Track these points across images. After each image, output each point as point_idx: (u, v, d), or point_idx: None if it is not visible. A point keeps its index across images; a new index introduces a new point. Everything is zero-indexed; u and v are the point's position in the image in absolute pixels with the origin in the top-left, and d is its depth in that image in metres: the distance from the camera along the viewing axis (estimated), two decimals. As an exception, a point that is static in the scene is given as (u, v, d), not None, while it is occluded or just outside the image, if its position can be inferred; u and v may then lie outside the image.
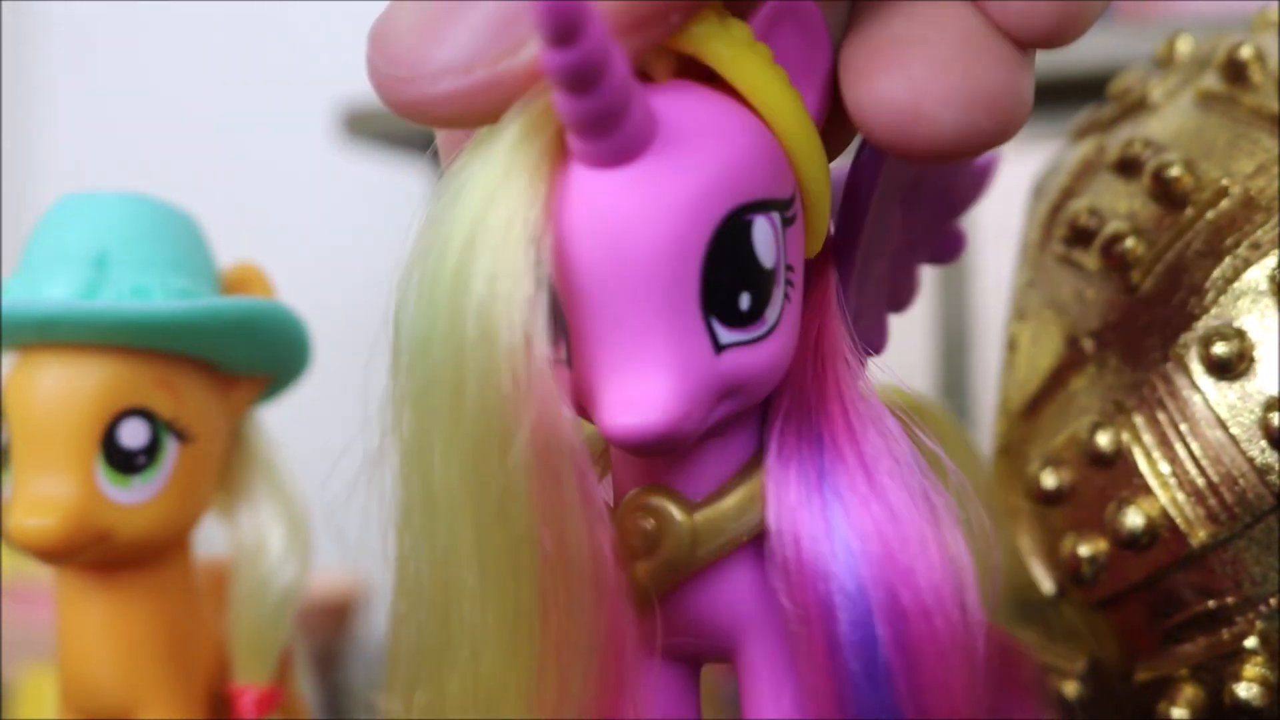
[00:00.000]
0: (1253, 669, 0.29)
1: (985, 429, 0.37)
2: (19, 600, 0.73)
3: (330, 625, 0.86)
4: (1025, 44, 0.23)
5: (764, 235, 0.22)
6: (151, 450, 0.33)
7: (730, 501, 0.24)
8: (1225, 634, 0.30)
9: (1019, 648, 0.32)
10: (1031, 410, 0.34)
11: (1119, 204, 0.33)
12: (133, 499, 0.33)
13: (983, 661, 0.23)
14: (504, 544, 0.21)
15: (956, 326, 0.96)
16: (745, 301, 0.22)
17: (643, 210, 0.21)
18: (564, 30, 0.19)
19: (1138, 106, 0.36)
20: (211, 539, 0.37)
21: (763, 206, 0.22)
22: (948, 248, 0.32)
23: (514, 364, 0.21)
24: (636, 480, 0.24)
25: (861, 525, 0.23)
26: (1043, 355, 0.34)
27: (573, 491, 0.21)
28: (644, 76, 0.22)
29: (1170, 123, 0.34)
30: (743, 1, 0.23)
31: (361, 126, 0.94)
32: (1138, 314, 0.32)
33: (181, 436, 0.33)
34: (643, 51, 0.22)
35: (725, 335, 0.22)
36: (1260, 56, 0.33)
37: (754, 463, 0.24)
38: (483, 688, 0.22)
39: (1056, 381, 0.33)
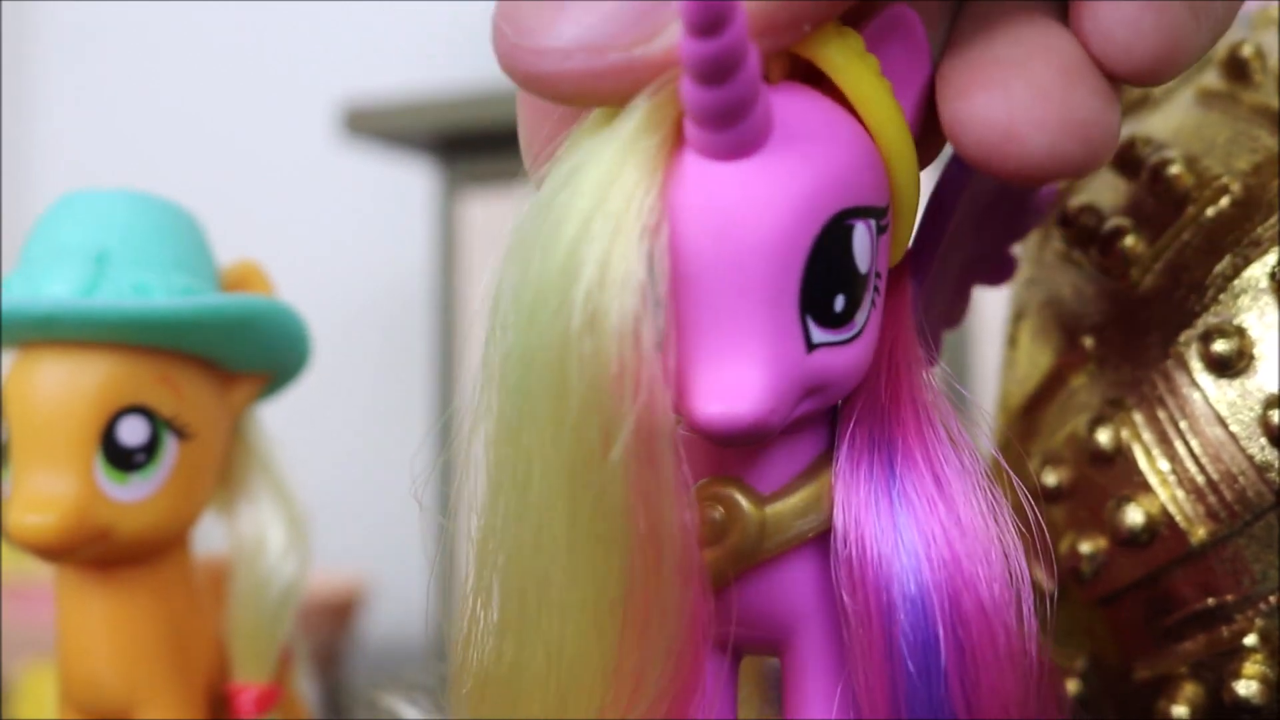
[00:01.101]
0: (1253, 666, 0.29)
1: (985, 427, 0.37)
2: (19, 598, 0.73)
3: (331, 624, 0.86)
4: (1122, 79, 0.24)
5: (862, 241, 0.23)
6: (151, 448, 0.33)
7: (799, 497, 0.24)
8: (1225, 631, 0.30)
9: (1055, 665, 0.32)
10: (1031, 408, 0.34)
11: (1119, 201, 0.33)
12: (132, 496, 0.33)
13: (1035, 672, 0.24)
14: (597, 522, 0.22)
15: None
16: (840, 303, 0.23)
17: (756, 205, 0.22)
18: (710, 21, 0.20)
19: (1138, 104, 0.36)
20: (211, 537, 0.37)
21: (864, 213, 0.23)
22: (1002, 271, 0.33)
23: (622, 349, 0.21)
24: (706, 471, 0.24)
25: (928, 529, 0.23)
26: (1042, 353, 0.34)
27: (669, 476, 0.22)
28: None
29: (1170, 120, 0.34)
30: (854, 12, 0.23)
31: (362, 124, 0.94)
32: (1137, 311, 0.32)
33: (181, 434, 0.33)
34: (771, 54, 0.22)
35: (818, 334, 0.22)
36: (1261, 54, 0.33)
37: (823, 462, 0.24)
38: (565, 665, 0.23)
39: (1056, 379, 0.33)
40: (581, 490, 0.22)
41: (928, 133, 0.25)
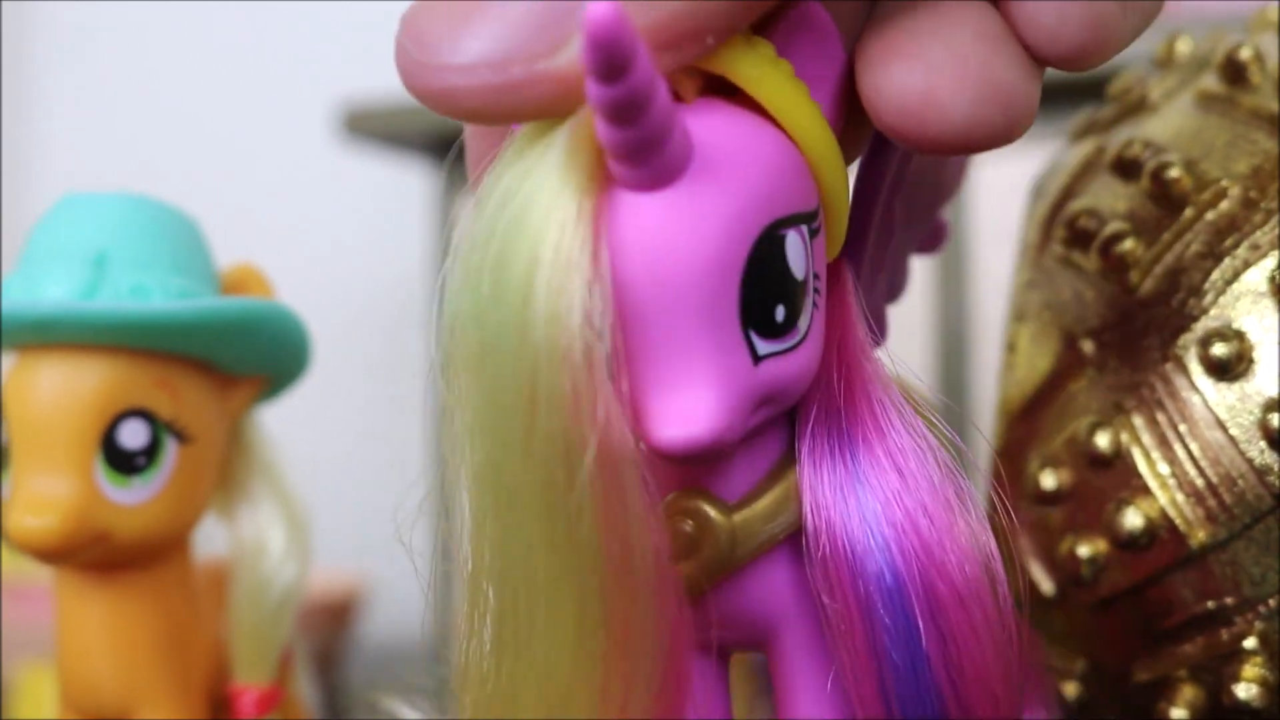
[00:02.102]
0: (1252, 669, 0.29)
1: (984, 430, 0.37)
2: (19, 599, 0.73)
3: (330, 625, 0.86)
4: (1046, 63, 0.24)
5: (795, 248, 0.23)
6: (151, 451, 0.33)
7: (766, 502, 0.24)
8: (1224, 634, 0.30)
9: (1032, 639, 0.32)
10: (1030, 411, 0.34)
11: (1118, 205, 0.33)
12: (132, 499, 0.33)
13: (1017, 647, 0.24)
14: (572, 550, 0.22)
15: (955, 327, 0.96)
16: (780, 313, 0.23)
17: (684, 231, 0.22)
18: (612, 67, 0.20)
19: (1137, 107, 0.36)
20: (211, 539, 0.37)
21: (793, 221, 0.23)
22: (935, 238, 0.33)
23: (576, 381, 0.21)
24: (672, 485, 0.25)
25: (895, 519, 0.24)
26: (1042, 356, 0.34)
27: (635, 500, 0.22)
28: (674, 95, 0.23)
29: (1169, 123, 0.34)
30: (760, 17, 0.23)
31: (361, 125, 0.94)
32: (1137, 315, 0.32)
33: (181, 437, 0.33)
34: (675, 69, 0.22)
35: (763, 346, 0.23)
36: (1259, 57, 0.33)
37: (785, 463, 0.25)
38: (556, 687, 0.23)
39: (1055, 382, 0.33)
40: (555, 520, 0.22)
41: (851, 125, 0.25)
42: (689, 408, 0.22)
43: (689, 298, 0.22)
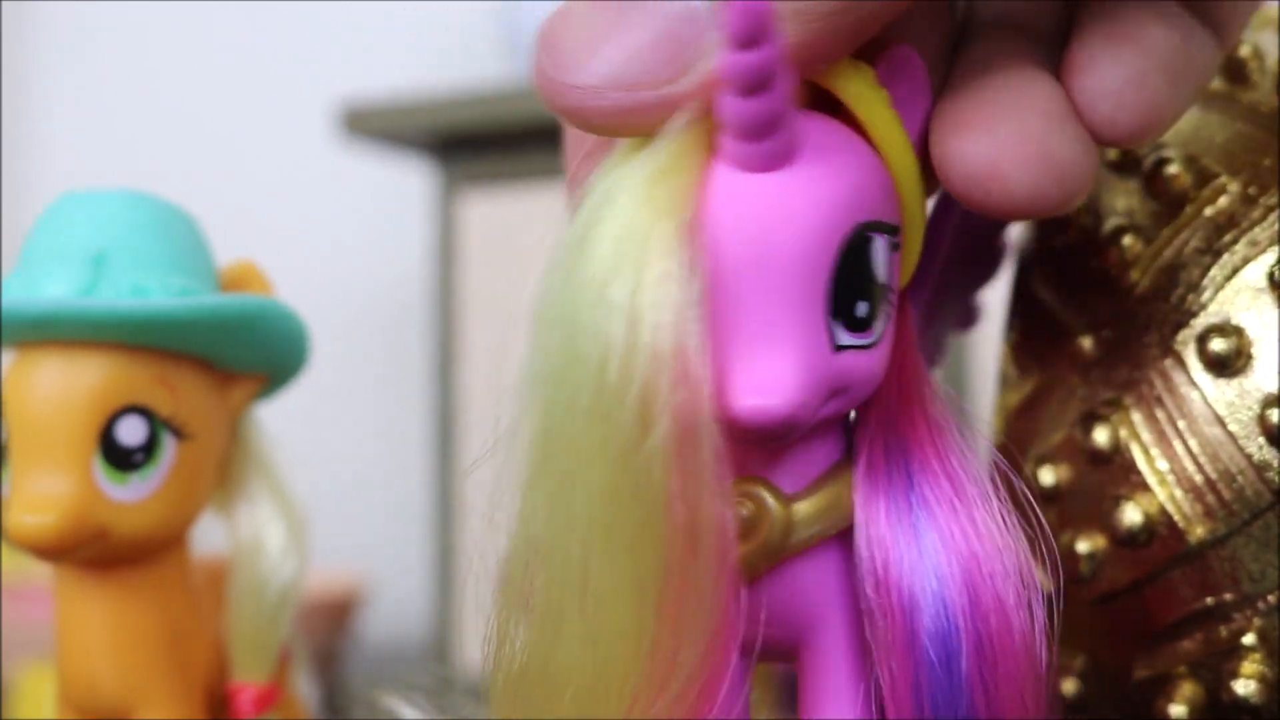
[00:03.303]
0: (1251, 666, 0.29)
1: (983, 427, 0.37)
2: (18, 599, 0.73)
3: (330, 624, 0.86)
4: (1103, 144, 0.26)
5: (880, 253, 0.24)
6: (149, 448, 0.33)
7: (821, 497, 0.25)
8: (1223, 631, 0.30)
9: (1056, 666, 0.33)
10: (1029, 407, 0.34)
11: (1117, 201, 0.33)
12: (131, 497, 0.33)
13: (1044, 669, 0.25)
14: (636, 511, 0.23)
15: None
16: (862, 309, 0.24)
17: (789, 213, 0.23)
18: (753, 33, 0.21)
19: (1136, 104, 0.36)
20: (210, 537, 0.37)
21: (881, 228, 0.24)
22: (970, 317, 0.36)
23: (662, 347, 0.22)
24: (731, 472, 0.25)
25: (946, 529, 0.25)
26: (1040, 352, 0.34)
27: (709, 468, 0.23)
28: None
29: (1168, 120, 0.34)
30: (863, 52, 0.25)
31: (361, 124, 0.94)
32: (1135, 311, 0.32)
33: (179, 434, 0.33)
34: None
35: (843, 337, 0.24)
36: (1259, 54, 0.33)
37: (842, 466, 0.26)
38: (600, 651, 0.24)
39: (1054, 378, 0.33)
40: (622, 479, 0.23)
41: (925, 167, 0.26)
42: (769, 380, 0.23)
43: (784, 277, 0.23)
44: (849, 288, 0.24)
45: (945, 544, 0.25)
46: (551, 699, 0.24)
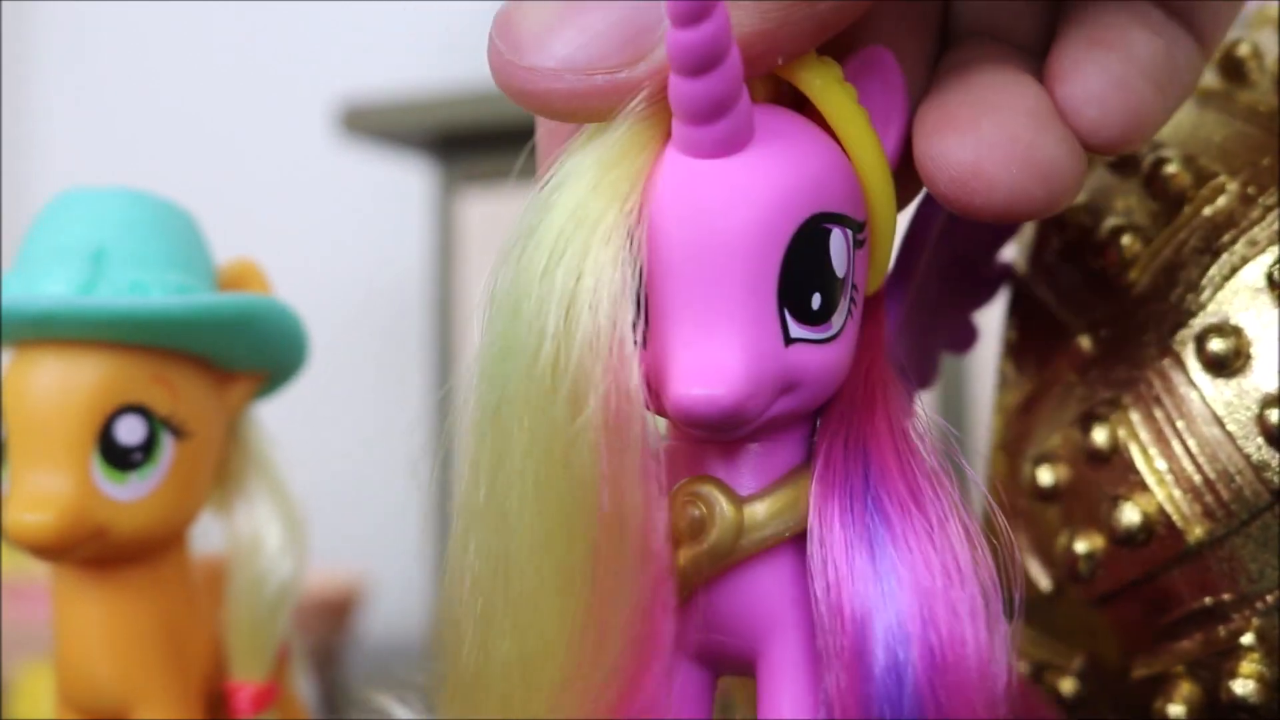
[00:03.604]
0: (1249, 666, 0.29)
1: (982, 426, 0.37)
2: (19, 597, 0.73)
3: (328, 623, 0.86)
4: (1087, 148, 0.26)
5: (839, 246, 0.24)
6: (148, 447, 0.33)
7: (775, 499, 0.25)
8: (1222, 631, 0.30)
9: (1039, 695, 0.33)
10: (1027, 407, 0.34)
11: (1116, 201, 0.33)
12: (129, 495, 0.33)
13: (1006, 681, 0.24)
14: (565, 497, 0.23)
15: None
16: (816, 301, 0.24)
17: (737, 199, 0.23)
18: (696, 12, 0.21)
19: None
20: (209, 536, 0.36)
21: (840, 220, 0.24)
22: (966, 338, 0.35)
23: (597, 334, 0.22)
24: (687, 473, 0.25)
25: (902, 535, 0.24)
26: (1039, 352, 0.34)
27: (635, 461, 0.23)
28: None
29: (1167, 120, 0.34)
30: (833, 51, 0.25)
31: (359, 123, 0.94)
32: (1134, 310, 0.32)
33: (178, 433, 0.33)
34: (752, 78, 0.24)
35: (795, 329, 0.23)
36: (1258, 54, 0.33)
37: (800, 470, 0.25)
38: (525, 643, 0.24)
39: (1052, 378, 0.33)
40: (551, 466, 0.23)
41: (905, 171, 0.26)
42: (715, 368, 0.23)
43: (731, 262, 0.23)
44: (802, 277, 0.23)
45: (899, 551, 0.24)
46: (483, 693, 0.24)
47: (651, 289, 0.23)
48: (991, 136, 0.25)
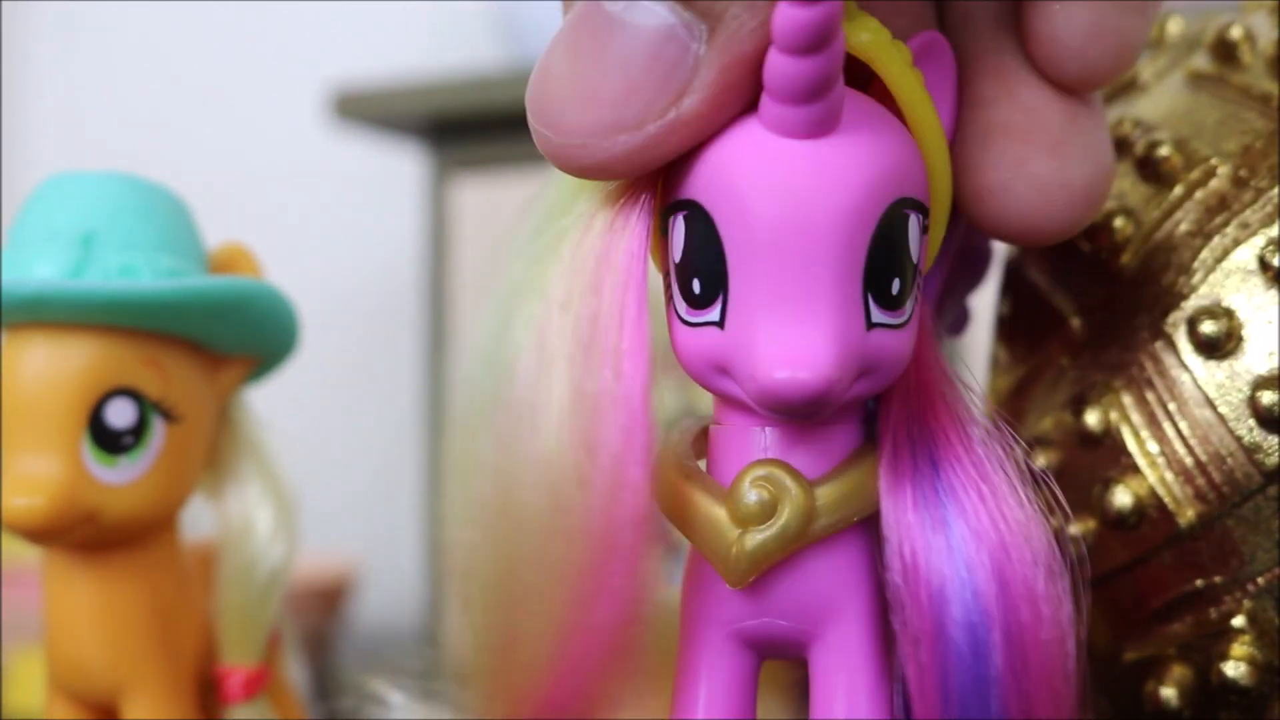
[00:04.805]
0: (1241, 648, 0.29)
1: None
2: (14, 584, 0.73)
3: (321, 609, 0.86)
4: (1071, 84, 0.26)
5: (915, 231, 0.24)
6: (138, 430, 0.33)
7: (843, 482, 0.25)
8: (1213, 613, 0.30)
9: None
10: (1020, 390, 0.34)
11: (1108, 183, 0.33)
12: (120, 479, 0.33)
13: (1074, 654, 0.25)
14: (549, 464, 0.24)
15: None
16: (896, 286, 0.24)
17: (832, 181, 0.23)
18: None
19: (1127, 86, 0.36)
20: (200, 520, 0.36)
21: (916, 206, 0.24)
22: (961, 322, 0.35)
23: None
24: (738, 457, 0.25)
25: (975, 516, 0.24)
26: (1031, 335, 0.34)
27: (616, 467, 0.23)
28: None
29: (1160, 103, 0.34)
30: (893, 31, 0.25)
31: (352, 109, 0.94)
32: (1126, 293, 0.32)
33: (169, 417, 0.33)
34: None
35: (876, 314, 0.23)
36: (1250, 36, 0.33)
37: (863, 452, 0.25)
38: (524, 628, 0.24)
39: (1045, 361, 0.33)
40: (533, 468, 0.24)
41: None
42: (803, 352, 0.22)
43: (824, 245, 0.23)
44: (885, 262, 0.23)
45: (974, 532, 0.24)
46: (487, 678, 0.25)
47: (739, 265, 0.23)
48: (1035, 179, 0.26)
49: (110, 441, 0.32)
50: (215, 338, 0.34)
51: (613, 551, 0.23)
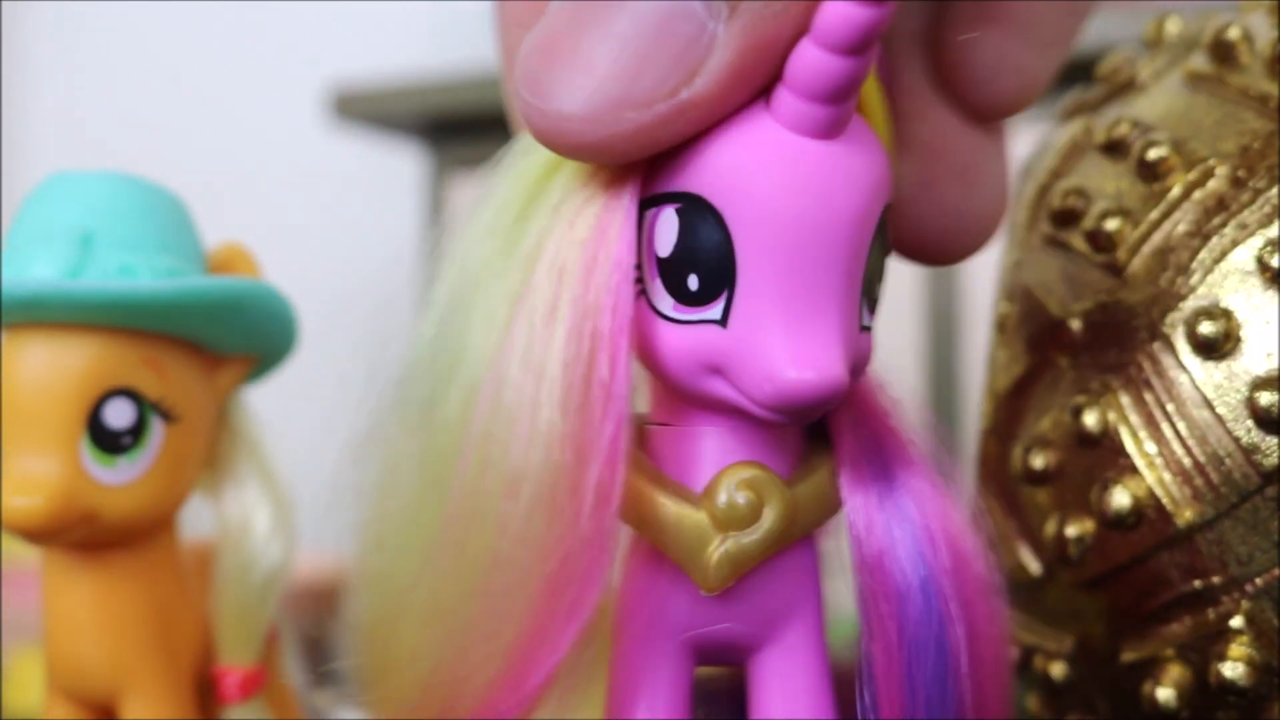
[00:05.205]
0: (1238, 649, 0.30)
1: (973, 411, 0.37)
2: (13, 584, 0.73)
3: (319, 609, 0.86)
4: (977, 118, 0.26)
5: (887, 234, 0.24)
6: (137, 430, 0.33)
7: (814, 483, 0.25)
8: (1211, 614, 0.30)
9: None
10: (1018, 391, 0.34)
11: (1106, 184, 0.33)
12: (118, 479, 0.33)
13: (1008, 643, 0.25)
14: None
15: (945, 309, 0.96)
16: (878, 290, 0.24)
17: (850, 181, 0.22)
18: None
19: (1126, 87, 0.36)
20: (198, 520, 0.36)
21: (888, 210, 0.24)
22: None
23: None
24: (723, 462, 0.24)
25: (931, 513, 0.24)
26: (1029, 336, 0.34)
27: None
28: None
29: (1158, 103, 0.34)
30: None
31: (351, 108, 0.94)
32: (1124, 294, 0.32)
33: (167, 417, 0.33)
34: None
35: (865, 317, 0.24)
36: (1248, 37, 0.33)
37: (820, 454, 0.25)
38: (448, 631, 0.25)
39: (1043, 362, 0.33)
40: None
41: None
42: (822, 351, 0.22)
43: (839, 246, 0.22)
44: (877, 266, 0.23)
45: (931, 530, 0.24)
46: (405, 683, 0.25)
47: (744, 266, 0.22)
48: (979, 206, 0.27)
49: (109, 442, 0.32)
50: (214, 338, 0.34)
51: (581, 554, 0.23)
